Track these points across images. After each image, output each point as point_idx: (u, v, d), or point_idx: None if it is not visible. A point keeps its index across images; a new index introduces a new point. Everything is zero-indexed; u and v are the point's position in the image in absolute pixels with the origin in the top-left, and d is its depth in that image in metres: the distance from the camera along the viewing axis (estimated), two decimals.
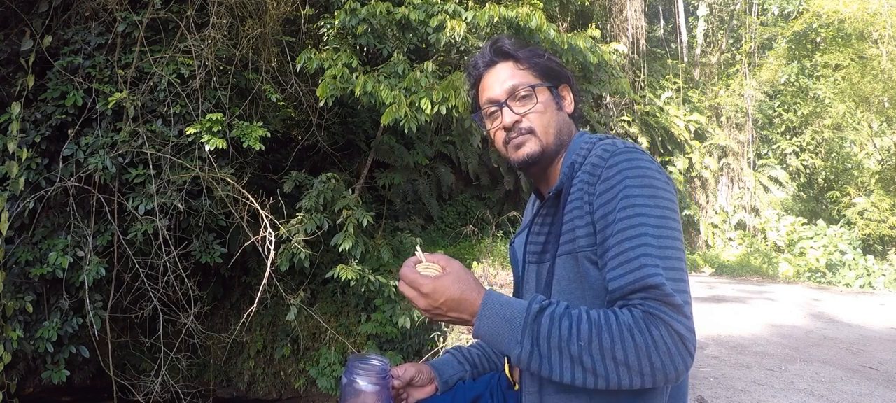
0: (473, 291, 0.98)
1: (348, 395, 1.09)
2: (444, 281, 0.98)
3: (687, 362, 0.89)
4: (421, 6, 5.63)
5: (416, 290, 1.00)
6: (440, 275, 0.99)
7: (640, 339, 0.87)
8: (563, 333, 0.91)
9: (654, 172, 1.01)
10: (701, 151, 14.39)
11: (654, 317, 0.88)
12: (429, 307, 0.99)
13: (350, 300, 6.27)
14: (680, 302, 0.90)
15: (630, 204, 0.97)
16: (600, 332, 0.89)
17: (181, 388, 5.26)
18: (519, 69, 1.19)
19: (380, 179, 7.74)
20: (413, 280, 1.00)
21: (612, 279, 0.95)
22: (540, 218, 1.15)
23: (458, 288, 0.98)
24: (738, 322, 5.36)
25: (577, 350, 0.90)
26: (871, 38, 11.45)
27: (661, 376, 0.88)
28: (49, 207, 5.08)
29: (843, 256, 10.82)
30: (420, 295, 0.99)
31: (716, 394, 3.14)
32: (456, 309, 0.98)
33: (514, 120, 1.17)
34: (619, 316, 0.90)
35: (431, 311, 1.00)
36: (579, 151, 1.11)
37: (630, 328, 0.88)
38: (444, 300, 0.98)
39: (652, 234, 0.94)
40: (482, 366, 1.39)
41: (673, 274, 0.93)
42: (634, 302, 0.91)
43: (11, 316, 4.77)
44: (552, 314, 0.93)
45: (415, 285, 1.00)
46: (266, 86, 5.74)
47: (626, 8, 13.79)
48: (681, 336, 0.88)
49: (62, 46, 5.14)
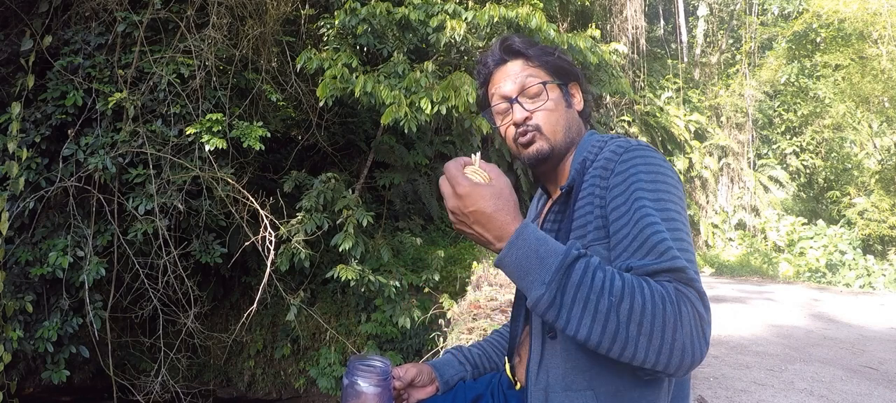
0: (509, 213, 0.93)
1: (349, 396, 1.09)
2: (483, 190, 0.93)
3: (704, 351, 0.87)
4: (421, 6, 5.63)
5: (451, 188, 0.95)
6: (482, 183, 0.94)
7: (671, 311, 0.84)
8: (596, 284, 0.85)
9: (666, 169, 1.02)
10: (701, 151, 14.39)
11: (684, 296, 0.87)
12: (457, 209, 0.95)
13: (350, 300, 6.27)
14: (703, 290, 0.90)
15: (643, 197, 0.97)
16: (633, 292, 0.84)
17: (181, 388, 5.26)
18: (529, 66, 1.19)
19: (380, 179, 7.73)
20: (454, 176, 0.95)
21: (635, 261, 0.92)
22: (552, 214, 1.14)
23: (493, 204, 0.93)
24: (738, 322, 5.36)
25: (606, 306, 0.84)
26: (871, 38, 11.45)
27: (678, 357, 0.84)
28: (49, 207, 5.08)
29: (843, 256, 10.82)
30: (454, 194, 0.95)
31: (716, 394, 3.14)
32: (483, 225, 0.93)
33: (525, 116, 1.17)
34: (652, 283, 0.87)
35: (458, 216, 0.95)
36: (590, 149, 1.11)
37: (663, 297, 0.85)
38: (474, 209, 0.93)
39: (666, 226, 0.94)
40: (483, 366, 1.38)
41: (693, 265, 0.92)
42: (662, 280, 0.89)
43: (11, 316, 4.77)
44: (587, 263, 0.87)
45: (453, 181, 0.95)
46: (266, 86, 5.74)
47: (626, 8, 13.79)
48: (703, 322, 0.87)
49: (62, 46, 5.13)
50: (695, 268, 0.92)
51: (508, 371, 1.30)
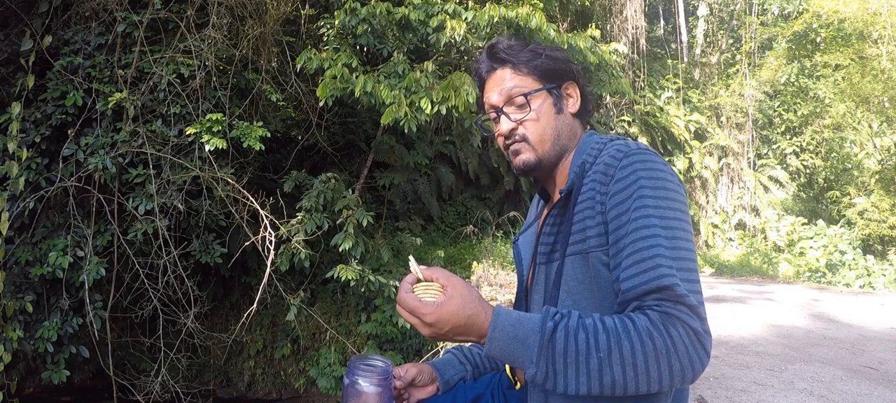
0: (480, 312, 0.93)
1: (350, 396, 1.09)
2: (449, 307, 0.93)
3: (704, 362, 0.88)
4: (421, 6, 5.63)
5: (418, 319, 0.94)
6: (443, 301, 0.93)
7: (661, 342, 0.86)
8: (581, 347, 0.88)
9: (667, 174, 1.01)
10: (701, 151, 14.38)
11: (672, 317, 0.88)
12: (434, 334, 0.94)
13: (350, 300, 6.27)
14: (695, 303, 0.90)
15: (644, 205, 0.96)
16: (620, 340, 0.87)
17: (181, 388, 5.25)
18: (516, 74, 1.17)
19: (380, 179, 7.74)
20: (414, 308, 0.94)
21: (625, 279, 0.94)
22: (551, 218, 1.14)
23: (463, 314, 0.93)
24: (738, 322, 5.36)
25: (597, 363, 0.87)
26: (871, 38, 11.45)
27: (680, 378, 0.87)
28: (49, 207, 5.08)
29: (843, 256, 10.82)
30: (423, 324, 0.94)
31: (716, 394, 3.14)
32: (463, 333, 0.94)
33: (510, 128, 1.17)
34: (636, 321, 0.89)
35: (437, 337, 0.96)
36: (590, 151, 1.11)
37: (649, 332, 0.87)
38: (450, 327, 0.93)
39: (664, 236, 0.94)
40: (483, 366, 1.39)
41: (686, 274, 0.92)
42: (649, 303, 0.90)
43: (11, 316, 4.76)
44: (566, 328, 0.90)
45: (416, 313, 0.94)
46: (266, 86, 5.74)
47: (626, 8, 13.79)
48: (698, 335, 0.88)
49: (62, 46, 5.13)
50: (689, 278, 0.92)
51: (508, 371, 1.30)
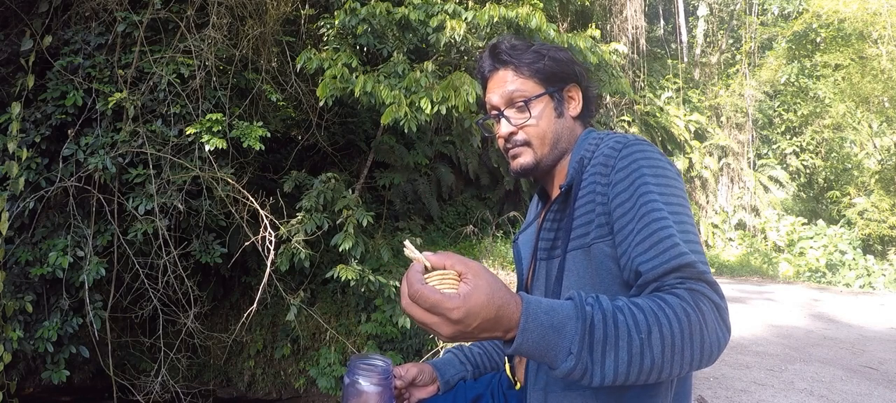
0: (510, 301, 0.78)
1: (350, 395, 1.09)
2: (478, 297, 0.75)
3: (727, 338, 0.87)
4: (421, 6, 5.63)
5: (440, 316, 0.75)
6: (470, 291, 0.76)
7: (695, 318, 0.83)
8: (621, 330, 0.80)
9: (665, 163, 1.02)
10: (701, 151, 14.39)
11: (699, 294, 0.87)
12: (458, 333, 0.76)
13: (350, 300, 6.27)
14: (713, 280, 0.90)
15: (648, 190, 0.97)
16: (658, 319, 0.81)
17: (181, 388, 5.25)
18: (518, 77, 1.17)
19: (380, 179, 7.73)
20: (436, 303, 0.74)
21: (643, 262, 0.91)
22: (551, 214, 1.13)
23: (494, 305, 0.76)
24: (738, 322, 5.36)
25: (639, 345, 0.79)
26: (871, 38, 11.45)
27: (708, 356, 0.84)
28: (49, 207, 5.08)
29: (843, 256, 10.83)
30: (447, 321, 0.75)
31: (716, 394, 3.14)
32: (490, 329, 0.78)
33: (510, 131, 1.17)
34: (668, 299, 0.85)
35: (460, 337, 0.78)
36: (588, 147, 1.11)
37: (684, 310, 0.83)
38: (479, 322, 0.76)
39: (673, 219, 0.94)
40: (483, 366, 1.39)
41: (700, 256, 0.93)
42: (671, 282, 0.88)
43: (11, 316, 4.76)
44: (603, 312, 0.81)
45: (439, 309, 0.75)
46: (266, 86, 5.74)
47: (626, 8, 13.78)
48: (721, 311, 0.88)
49: (62, 46, 5.13)
50: (702, 259, 0.92)
51: (508, 371, 1.30)
